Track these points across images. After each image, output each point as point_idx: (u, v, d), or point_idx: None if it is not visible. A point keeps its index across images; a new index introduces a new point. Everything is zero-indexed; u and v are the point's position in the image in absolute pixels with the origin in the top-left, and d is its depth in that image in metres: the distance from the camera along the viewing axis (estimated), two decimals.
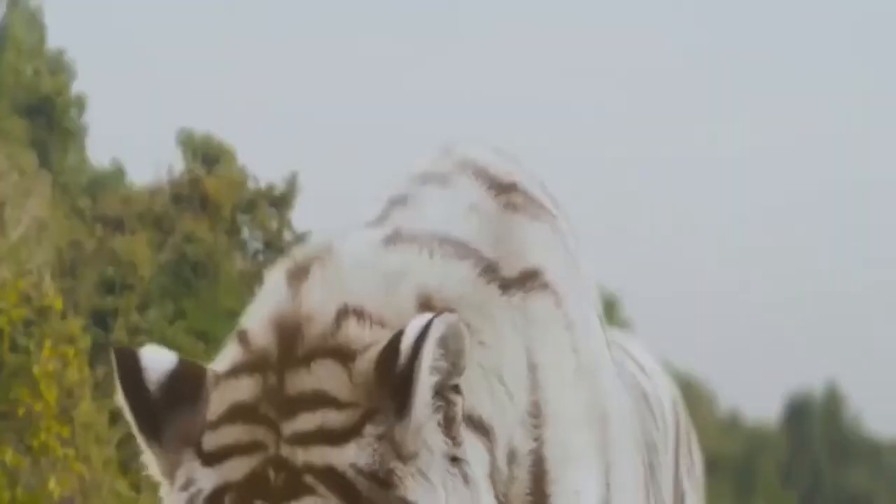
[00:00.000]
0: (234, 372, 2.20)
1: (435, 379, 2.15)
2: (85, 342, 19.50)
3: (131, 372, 2.17)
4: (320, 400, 2.14)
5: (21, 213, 22.93)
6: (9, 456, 15.81)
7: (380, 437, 2.13)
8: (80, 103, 28.86)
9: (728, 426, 37.04)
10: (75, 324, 19.48)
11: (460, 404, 2.22)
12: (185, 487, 2.16)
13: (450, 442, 2.20)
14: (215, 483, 2.14)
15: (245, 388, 2.17)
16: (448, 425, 2.20)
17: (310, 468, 2.11)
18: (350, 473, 2.10)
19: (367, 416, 2.13)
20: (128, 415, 2.17)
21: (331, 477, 2.11)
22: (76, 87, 28.87)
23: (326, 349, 2.18)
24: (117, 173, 29.27)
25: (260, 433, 2.14)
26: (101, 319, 23.92)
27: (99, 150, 38.17)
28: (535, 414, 2.43)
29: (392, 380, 2.13)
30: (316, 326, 2.19)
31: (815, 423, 39.73)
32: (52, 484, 16.39)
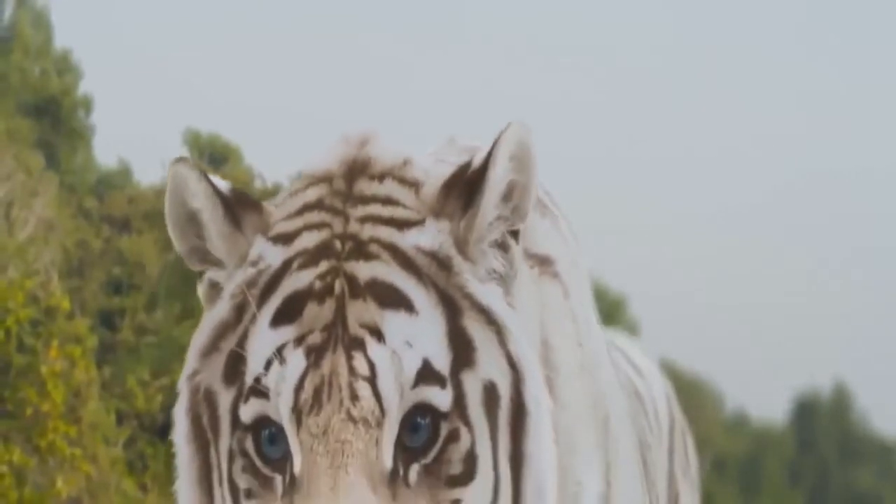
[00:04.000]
0: (300, 189, 2.31)
1: (504, 185, 2.24)
2: (92, 342, 19.50)
3: (202, 173, 2.28)
4: (387, 201, 2.26)
5: (28, 213, 22.96)
6: (16, 456, 15.84)
7: (441, 231, 2.23)
8: (87, 103, 28.87)
9: (734, 425, 37.01)
10: (82, 324, 19.49)
11: (517, 254, 2.29)
12: (254, 263, 2.25)
13: (508, 278, 2.27)
14: (284, 256, 2.23)
15: (312, 193, 2.29)
16: (508, 264, 2.28)
17: (375, 240, 2.22)
18: (411, 251, 2.21)
19: (432, 216, 2.24)
20: (209, 202, 2.27)
21: (394, 250, 2.21)
22: (83, 88, 28.91)
23: (395, 175, 2.29)
24: (124, 173, 29.28)
25: (328, 217, 2.25)
26: (108, 319, 23.93)
27: (106, 150, 38.22)
28: (548, 392, 2.43)
29: (462, 183, 2.24)
30: (384, 161, 2.30)
31: (822, 422, 39.67)
32: (59, 483, 16.42)
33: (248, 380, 2.17)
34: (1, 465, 15.66)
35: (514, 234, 2.30)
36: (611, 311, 28.71)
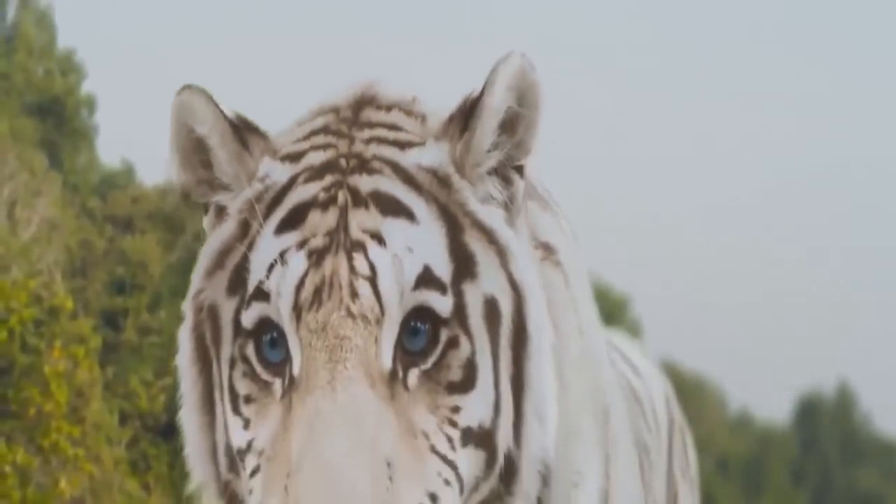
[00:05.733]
0: (307, 119, 2.36)
1: (502, 113, 2.27)
2: (95, 342, 19.52)
3: (209, 96, 2.32)
4: (392, 126, 2.31)
5: (31, 213, 22.98)
6: (20, 456, 15.84)
7: (441, 150, 2.27)
8: (90, 103, 28.88)
9: (738, 425, 37.03)
10: (86, 324, 19.51)
11: (521, 189, 2.32)
12: (261, 180, 2.28)
13: (511, 211, 2.29)
14: (291, 172, 2.28)
15: (320, 121, 2.34)
16: (510, 199, 2.30)
17: (378, 158, 2.26)
18: (413, 168, 2.25)
19: (433, 139, 2.29)
20: (218, 125, 2.31)
21: (395, 166, 2.26)
22: (86, 88, 28.92)
23: (402, 107, 2.34)
24: (127, 173, 29.29)
25: (334, 140, 2.30)
26: (111, 319, 23.94)
27: (109, 150, 38.24)
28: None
29: (461, 110, 2.28)
30: (392, 95, 2.36)
31: (824, 422, 39.67)
32: (62, 483, 16.42)
33: (251, 286, 2.20)
34: (4, 465, 15.66)
35: (519, 169, 2.32)
36: (614, 311, 28.69)
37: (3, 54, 28.20)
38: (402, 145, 2.27)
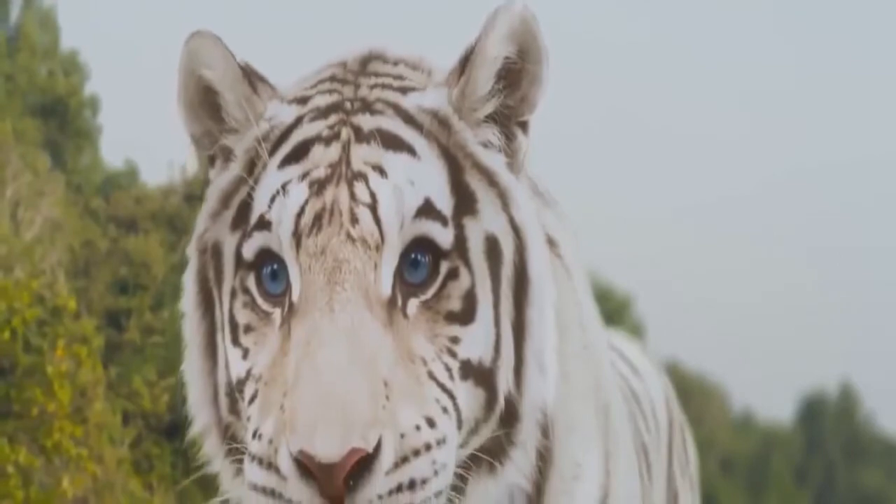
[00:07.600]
0: (315, 72, 2.40)
1: (500, 61, 2.29)
2: (98, 342, 19.50)
3: (217, 38, 2.35)
4: (397, 77, 2.35)
5: (35, 213, 22.98)
6: (22, 456, 15.83)
7: (441, 94, 2.30)
8: (94, 104, 28.90)
9: (741, 425, 37.01)
10: (89, 324, 19.49)
11: (524, 146, 2.34)
12: (268, 120, 2.32)
13: (511, 162, 2.31)
14: (297, 113, 2.32)
15: (328, 72, 2.39)
16: (511, 154, 2.32)
17: (380, 101, 2.30)
18: (414, 110, 2.29)
19: (434, 85, 2.33)
20: (228, 67, 2.34)
21: (397, 108, 2.29)
22: (89, 88, 28.94)
23: (408, 63, 2.39)
24: (130, 173, 29.29)
25: (339, 86, 2.34)
26: (114, 319, 23.94)
27: (112, 151, 38.26)
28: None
29: (461, 57, 2.32)
30: (399, 53, 2.40)
31: (828, 422, 39.66)
32: (65, 483, 16.41)
33: (253, 218, 2.22)
34: (7, 465, 15.66)
35: (523, 125, 2.33)
36: (616, 311, 28.67)
37: (6, 55, 28.21)
38: (405, 90, 2.31)
